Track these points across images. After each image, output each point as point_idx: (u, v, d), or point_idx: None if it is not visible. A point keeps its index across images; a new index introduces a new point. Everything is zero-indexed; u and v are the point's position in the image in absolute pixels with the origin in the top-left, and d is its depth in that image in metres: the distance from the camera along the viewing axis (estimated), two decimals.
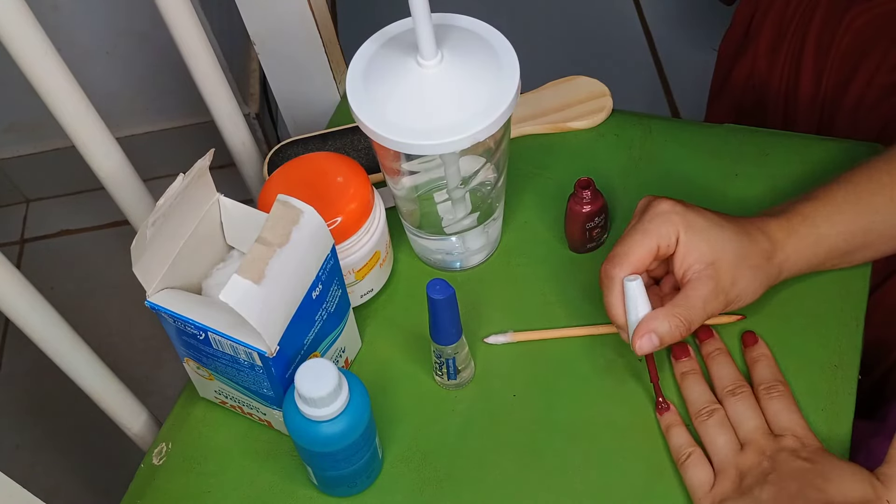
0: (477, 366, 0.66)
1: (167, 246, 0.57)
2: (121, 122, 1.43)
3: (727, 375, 0.63)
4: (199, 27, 0.70)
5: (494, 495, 0.61)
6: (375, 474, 0.62)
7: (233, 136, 0.79)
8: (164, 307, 0.57)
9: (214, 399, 0.66)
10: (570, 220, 0.69)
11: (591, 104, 0.79)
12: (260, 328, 0.53)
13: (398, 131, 0.57)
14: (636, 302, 0.59)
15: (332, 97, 0.85)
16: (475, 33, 0.61)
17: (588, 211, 0.67)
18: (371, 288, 0.69)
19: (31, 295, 0.60)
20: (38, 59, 0.59)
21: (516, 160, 0.76)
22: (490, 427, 0.64)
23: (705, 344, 0.65)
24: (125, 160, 0.68)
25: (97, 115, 0.65)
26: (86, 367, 0.65)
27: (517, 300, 0.69)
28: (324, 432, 0.55)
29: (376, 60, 0.60)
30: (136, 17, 1.34)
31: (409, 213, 0.69)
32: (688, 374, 0.63)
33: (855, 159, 0.74)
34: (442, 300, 0.56)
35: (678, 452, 0.60)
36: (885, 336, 0.76)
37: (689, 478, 0.59)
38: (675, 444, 0.61)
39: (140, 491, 0.64)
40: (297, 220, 0.55)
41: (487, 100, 0.58)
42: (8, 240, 1.58)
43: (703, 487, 0.58)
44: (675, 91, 1.60)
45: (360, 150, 0.77)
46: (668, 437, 0.61)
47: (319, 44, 0.80)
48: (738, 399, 0.61)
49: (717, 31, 1.08)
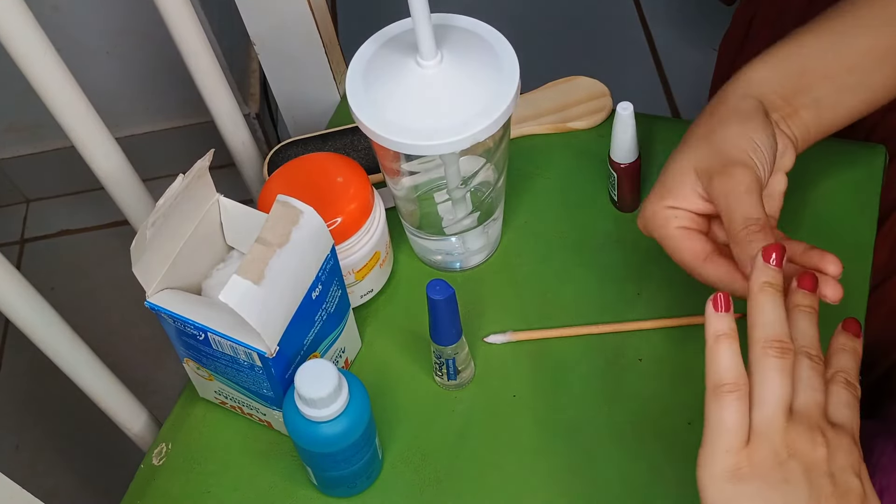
0: (477, 366, 0.66)
1: (167, 246, 0.57)
2: (121, 122, 1.43)
3: (809, 336, 0.50)
4: (199, 27, 0.70)
5: (494, 495, 0.61)
6: (375, 475, 0.62)
7: (233, 136, 0.79)
8: (164, 307, 0.57)
9: (214, 399, 0.66)
10: (624, 180, 0.70)
11: (591, 104, 0.79)
12: (260, 328, 0.53)
13: (398, 131, 0.57)
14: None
15: (332, 97, 0.85)
16: (475, 33, 0.61)
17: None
18: (371, 288, 0.69)
19: (31, 295, 0.60)
20: (38, 59, 0.59)
21: (516, 160, 0.76)
22: (490, 427, 0.64)
23: (798, 294, 0.51)
24: (125, 160, 0.68)
25: (97, 115, 0.65)
26: (86, 367, 0.65)
27: (517, 300, 0.69)
28: (324, 433, 0.55)
29: (376, 60, 0.60)
30: (136, 17, 1.34)
31: (409, 213, 0.69)
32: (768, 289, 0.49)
33: (855, 159, 0.74)
34: (442, 300, 0.56)
35: (721, 376, 0.47)
36: (885, 336, 0.76)
37: (723, 418, 0.46)
38: (724, 366, 0.47)
39: (140, 491, 0.64)
40: (297, 220, 0.55)
41: (487, 100, 0.58)
42: (8, 240, 1.58)
43: (735, 439, 0.46)
44: (675, 91, 1.60)
45: (360, 151, 0.77)
46: (713, 352, 0.48)
47: (319, 44, 0.80)
48: (812, 365, 0.48)
49: (717, 31, 1.08)
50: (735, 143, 0.56)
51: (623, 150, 0.68)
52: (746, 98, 0.58)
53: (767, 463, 0.45)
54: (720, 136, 0.57)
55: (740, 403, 0.46)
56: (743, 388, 0.47)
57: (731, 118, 0.57)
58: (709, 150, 0.57)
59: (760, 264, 0.50)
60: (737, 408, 0.46)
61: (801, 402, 0.47)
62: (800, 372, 0.48)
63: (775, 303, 0.49)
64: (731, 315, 0.49)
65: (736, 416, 0.46)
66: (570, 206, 0.74)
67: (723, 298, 0.50)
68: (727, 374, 0.47)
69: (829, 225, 0.70)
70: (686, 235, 0.58)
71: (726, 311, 0.49)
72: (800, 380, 0.48)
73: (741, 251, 0.53)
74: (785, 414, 0.46)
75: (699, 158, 0.57)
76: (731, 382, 0.47)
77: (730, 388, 0.47)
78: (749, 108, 0.58)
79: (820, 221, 0.70)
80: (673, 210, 0.58)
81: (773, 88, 0.59)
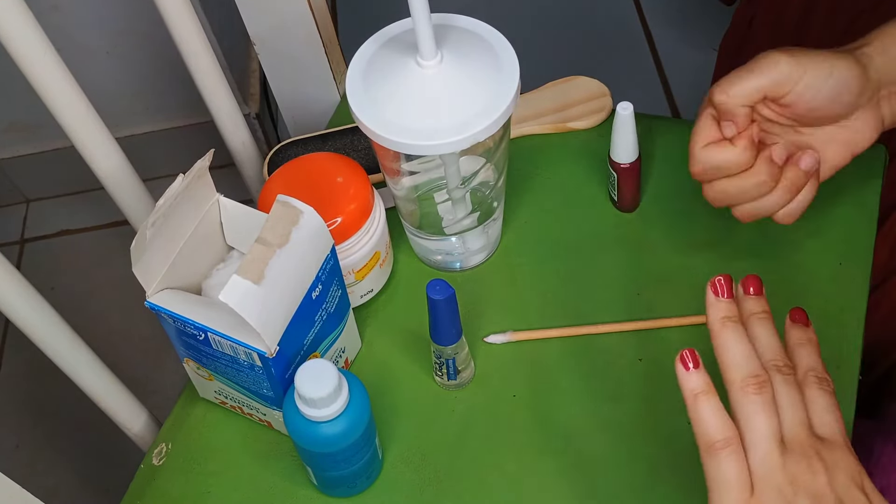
0: (477, 366, 0.66)
1: (167, 246, 0.57)
2: (121, 122, 1.43)
3: (773, 347, 0.49)
4: (199, 27, 0.70)
5: (494, 495, 0.61)
6: (375, 475, 0.62)
7: (233, 136, 0.79)
8: (164, 307, 0.57)
9: (214, 399, 0.66)
10: (624, 180, 0.70)
11: (591, 104, 0.79)
12: (260, 328, 0.53)
13: (398, 131, 0.57)
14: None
15: (332, 97, 0.85)
16: (475, 33, 0.61)
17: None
18: (371, 288, 0.69)
19: (31, 295, 0.60)
20: (38, 59, 0.59)
21: (516, 160, 0.76)
22: (490, 427, 0.64)
23: (749, 301, 0.51)
24: (125, 160, 0.68)
25: (97, 115, 0.65)
26: (86, 367, 0.65)
27: (517, 300, 0.69)
28: (324, 433, 0.55)
29: (376, 60, 0.60)
30: (136, 17, 1.34)
31: (409, 213, 0.69)
32: (728, 324, 0.49)
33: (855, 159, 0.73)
34: (442, 300, 0.56)
35: (711, 435, 0.47)
36: (885, 336, 0.76)
37: (723, 474, 0.46)
38: (711, 424, 0.47)
39: (140, 491, 0.64)
40: (297, 220, 0.55)
41: (487, 100, 0.58)
42: (8, 240, 1.58)
43: (740, 491, 0.46)
44: (675, 91, 1.60)
45: (360, 151, 0.77)
46: (694, 412, 0.48)
47: (319, 44, 0.80)
48: (786, 380, 0.48)
49: (717, 31, 1.08)
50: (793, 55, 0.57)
51: (623, 150, 0.68)
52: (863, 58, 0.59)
53: (779, 501, 0.45)
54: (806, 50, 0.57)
55: (736, 456, 0.46)
56: (734, 441, 0.47)
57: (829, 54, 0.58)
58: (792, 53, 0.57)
59: (712, 300, 0.50)
60: (734, 460, 0.46)
61: (788, 428, 0.47)
62: (779, 395, 0.48)
63: (738, 337, 0.49)
64: (701, 371, 0.48)
65: (735, 469, 0.46)
66: (570, 206, 0.74)
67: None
68: (716, 433, 0.47)
69: (829, 225, 0.70)
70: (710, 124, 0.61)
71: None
72: (780, 403, 0.48)
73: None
74: (779, 447, 0.46)
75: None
76: (722, 439, 0.47)
77: (722, 445, 0.47)
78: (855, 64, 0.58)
79: (820, 221, 0.70)
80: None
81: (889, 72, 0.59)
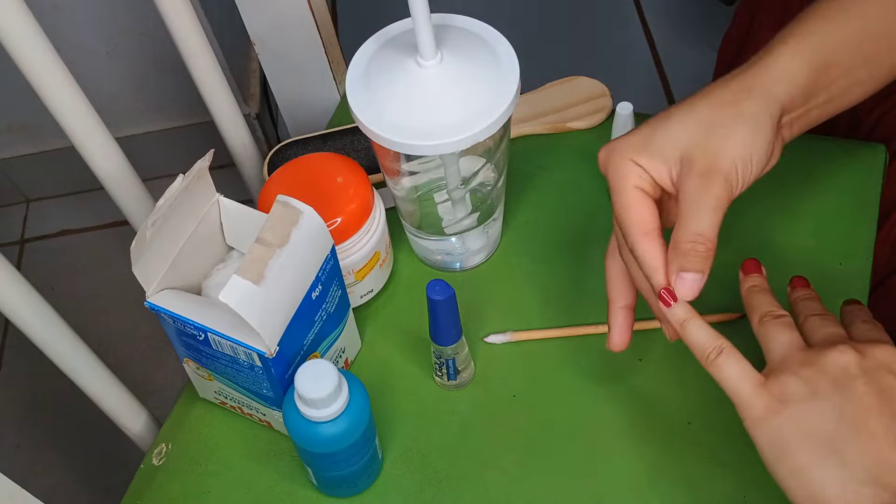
0: (477, 366, 0.66)
1: (167, 246, 0.57)
2: (121, 122, 1.43)
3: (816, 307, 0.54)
4: (199, 27, 0.70)
5: (494, 495, 0.61)
6: (375, 475, 0.62)
7: (233, 136, 0.79)
8: (164, 308, 0.57)
9: (214, 399, 0.66)
10: None
11: (591, 104, 0.79)
12: (259, 329, 0.53)
13: (398, 131, 0.57)
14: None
15: (332, 97, 0.85)
16: (475, 34, 0.61)
17: None
18: (371, 288, 0.69)
19: (31, 295, 0.60)
20: (38, 59, 0.59)
21: (516, 160, 0.76)
22: (490, 427, 0.64)
23: (752, 277, 0.56)
24: (125, 160, 0.68)
25: (97, 115, 0.65)
26: (86, 367, 0.65)
27: (517, 300, 0.69)
28: (324, 433, 0.55)
29: (376, 61, 0.60)
30: (136, 17, 1.34)
31: (409, 213, 0.69)
32: (756, 288, 0.54)
33: (855, 159, 0.73)
34: (442, 301, 0.56)
35: (703, 349, 0.49)
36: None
37: (728, 375, 0.48)
38: (698, 341, 0.50)
39: (140, 491, 0.64)
40: (297, 220, 0.55)
41: (487, 100, 0.58)
42: (8, 240, 1.59)
43: (749, 381, 0.48)
44: (675, 91, 1.60)
45: (360, 151, 0.77)
46: (685, 336, 0.51)
47: (319, 44, 0.80)
48: (823, 315, 0.52)
49: (717, 31, 1.08)
50: (734, 151, 0.53)
51: None
52: (770, 102, 0.55)
53: (790, 388, 0.46)
54: (725, 133, 0.53)
55: (734, 356, 0.49)
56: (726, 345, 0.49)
57: (747, 120, 0.54)
58: (706, 140, 0.53)
59: (743, 277, 0.55)
60: (733, 362, 0.48)
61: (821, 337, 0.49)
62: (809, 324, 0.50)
63: (763, 292, 0.53)
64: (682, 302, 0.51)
65: (738, 368, 0.48)
66: (570, 206, 0.74)
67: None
68: (707, 345, 0.49)
69: (829, 225, 0.70)
70: (641, 200, 0.54)
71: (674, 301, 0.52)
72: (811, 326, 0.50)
73: (674, 259, 0.51)
74: (801, 348, 0.48)
75: (693, 142, 0.54)
76: (715, 346, 0.49)
77: (715, 353, 0.49)
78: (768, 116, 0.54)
79: (820, 221, 0.70)
80: (640, 169, 0.55)
81: (797, 83, 0.56)
